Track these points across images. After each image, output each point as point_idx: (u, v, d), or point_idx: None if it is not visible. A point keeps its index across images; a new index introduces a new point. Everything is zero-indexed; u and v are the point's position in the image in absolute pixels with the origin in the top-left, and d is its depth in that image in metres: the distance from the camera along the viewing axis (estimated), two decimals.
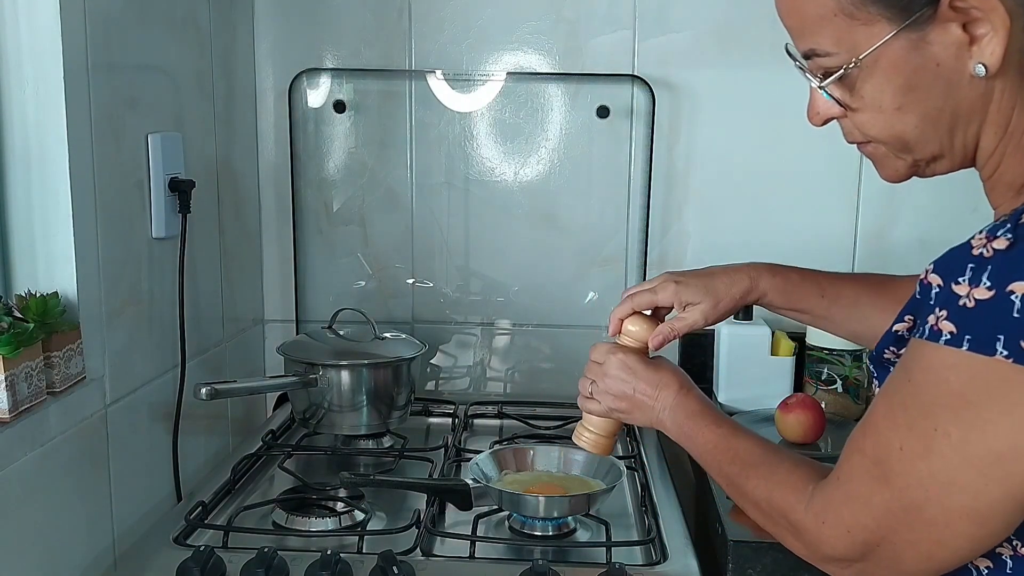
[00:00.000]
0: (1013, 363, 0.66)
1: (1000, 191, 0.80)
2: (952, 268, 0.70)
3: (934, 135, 0.79)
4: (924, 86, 0.77)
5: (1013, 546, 0.74)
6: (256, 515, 1.31)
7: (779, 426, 1.58)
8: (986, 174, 0.81)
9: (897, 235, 1.82)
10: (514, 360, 1.90)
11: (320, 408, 1.54)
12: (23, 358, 1.07)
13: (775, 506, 0.87)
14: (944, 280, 0.70)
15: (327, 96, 1.82)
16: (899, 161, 0.84)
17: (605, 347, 1.11)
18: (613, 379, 1.09)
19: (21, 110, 1.15)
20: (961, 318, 0.68)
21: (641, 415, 1.08)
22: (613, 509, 1.34)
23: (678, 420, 1.04)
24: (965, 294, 0.68)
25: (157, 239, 1.40)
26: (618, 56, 1.78)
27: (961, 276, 0.69)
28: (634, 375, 1.07)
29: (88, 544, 1.23)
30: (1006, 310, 0.66)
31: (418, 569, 1.12)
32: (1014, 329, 0.66)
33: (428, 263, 1.87)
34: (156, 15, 1.41)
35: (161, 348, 1.43)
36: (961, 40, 0.74)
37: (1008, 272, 0.67)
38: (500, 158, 1.83)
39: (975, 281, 0.68)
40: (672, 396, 1.05)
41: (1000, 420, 0.68)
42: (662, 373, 1.07)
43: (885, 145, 0.83)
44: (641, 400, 1.07)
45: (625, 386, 1.08)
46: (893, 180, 0.86)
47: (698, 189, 1.82)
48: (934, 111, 0.78)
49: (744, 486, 0.92)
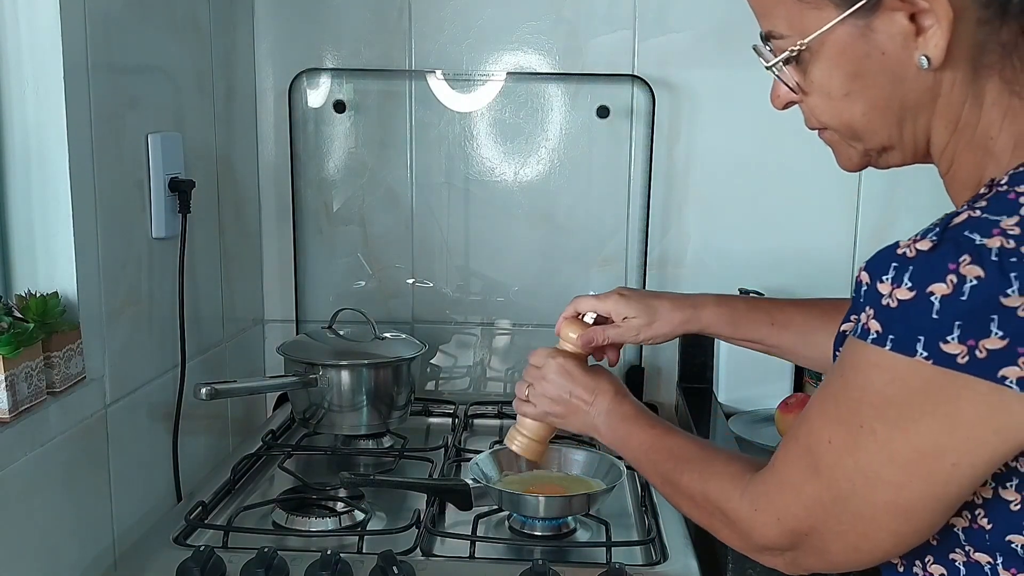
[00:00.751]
0: (933, 364, 0.66)
1: (956, 189, 0.80)
2: (878, 267, 0.70)
3: (882, 125, 0.80)
4: (870, 74, 0.77)
5: (966, 552, 0.74)
6: (256, 515, 1.31)
7: (779, 426, 1.58)
8: (943, 170, 0.81)
9: (897, 235, 1.79)
10: (514, 360, 1.89)
11: (320, 408, 1.54)
12: (23, 358, 1.07)
13: (710, 498, 0.87)
14: (871, 278, 0.70)
15: (327, 96, 1.82)
16: (851, 149, 0.84)
17: (544, 352, 1.13)
18: (551, 383, 1.10)
19: (21, 110, 1.15)
20: (885, 317, 0.69)
21: (576, 420, 1.09)
22: (613, 509, 1.34)
23: (612, 424, 1.05)
24: (888, 293, 0.68)
25: (157, 239, 1.40)
26: (618, 56, 1.78)
27: (885, 275, 0.69)
28: (571, 379, 1.09)
29: (88, 544, 1.23)
30: (926, 311, 0.66)
31: (418, 569, 1.13)
32: (933, 330, 0.65)
33: (428, 263, 1.87)
34: (156, 15, 1.41)
35: (161, 348, 1.43)
36: (907, 30, 0.74)
37: (928, 273, 0.66)
38: (500, 158, 1.83)
39: (897, 281, 0.68)
40: (607, 402, 1.07)
41: (922, 420, 0.68)
42: (599, 380, 1.09)
43: (837, 132, 0.84)
44: (577, 405, 1.09)
45: (562, 390, 1.09)
46: (848, 169, 0.87)
47: (698, 189, 1.82)
48: (881, 100, 0.78)
49: (679, 481, 0.93)
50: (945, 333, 0.65)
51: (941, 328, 0.65)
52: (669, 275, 1.84)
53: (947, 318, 0.65)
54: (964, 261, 0.65)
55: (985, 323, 0.64)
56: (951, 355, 0.65)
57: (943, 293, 0.65)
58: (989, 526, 0.72)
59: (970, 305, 0.64)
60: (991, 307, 0.64)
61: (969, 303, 0.64)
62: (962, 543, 0.74)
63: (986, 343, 0.64)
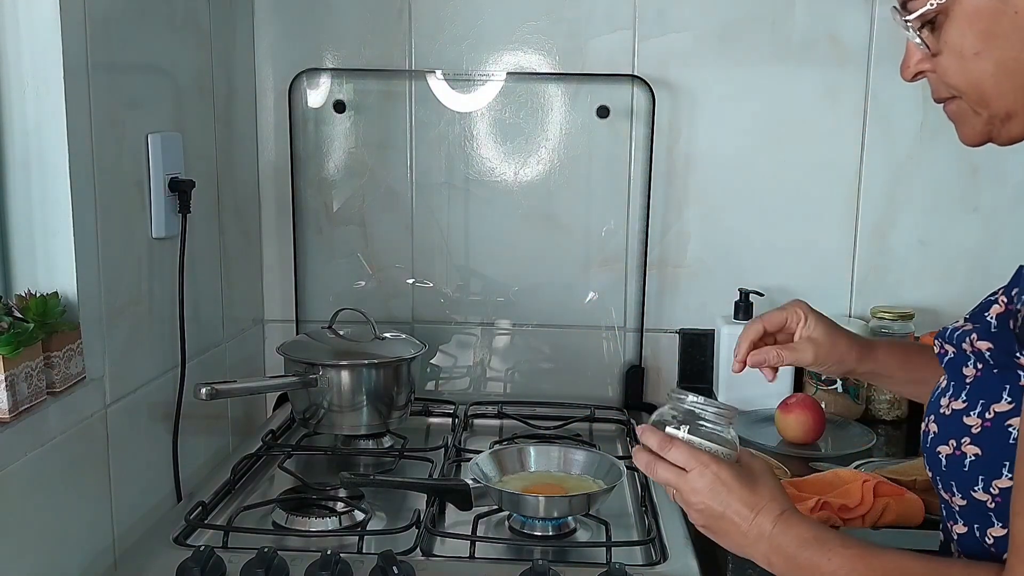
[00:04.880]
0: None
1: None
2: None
3: (1010, 87, 0.80)
4: (1003, 33, 0.78)
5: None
6: (256, 515, 1.31)
7: (779, 426, 1.58)
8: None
9: (897, 235, 1.82)
10: (514, 360, 1.90)
11: (320, 408, 1.54)
12: (23, 358, 1.07)
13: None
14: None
15: (327, 96, 1.82)
16: (976, 118, 0.84)
17: (689, 452, 0.93)
18: (698, 492, 0.92)
19: (21, 110, 1.15)
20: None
21: (730, 541, 0.93)
22: (613, 509, 1.34)
23: (790, 551, 0.88)
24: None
25: (157, 239, 1.40)
26: (618, 56, 1.78)
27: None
28: (728, 491, 0.91)
29: (88, 544, 1.23)
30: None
31: (418, 569, 1.12)
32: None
33: (428, 263, 1.87)
34: (156, 15, 1.41)
35: (161, 348, 1.43)
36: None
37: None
38: (500, 158, 1.83)
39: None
40: (771, 523, 0.90)
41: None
42: (759, 494, 0.91)
43: (964, 97, 0.84)
44: (733, 522, 0.91)
45: (715, 503, 0.92)
46: (971, 142, 0.86)
47: (698, 189, 1.82)
48: (1011, 61, 0.79)
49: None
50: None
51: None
52: (669, 275, 1.84)
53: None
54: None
55: None
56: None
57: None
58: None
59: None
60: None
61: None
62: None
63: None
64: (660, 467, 0.94)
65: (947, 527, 0.90)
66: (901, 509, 1.26)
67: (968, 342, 0.85)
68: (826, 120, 1.78)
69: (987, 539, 0.82)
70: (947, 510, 0.89)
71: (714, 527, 0.93)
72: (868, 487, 1.26)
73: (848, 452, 1.52)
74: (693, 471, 0.92)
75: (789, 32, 1.76)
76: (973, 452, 0.82)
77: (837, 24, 1.75)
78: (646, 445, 0.96)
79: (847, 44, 1.75)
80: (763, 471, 0.94)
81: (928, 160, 1.77)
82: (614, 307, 1.86)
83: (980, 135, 0.85)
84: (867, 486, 1.26)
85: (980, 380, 0.84)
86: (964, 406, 0.84)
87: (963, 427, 0.83)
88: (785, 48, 1.76)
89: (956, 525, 0.87)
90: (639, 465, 0.96)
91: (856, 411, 1.70)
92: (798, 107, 1.78)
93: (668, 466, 0.94)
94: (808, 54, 1.76)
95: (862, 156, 1.79)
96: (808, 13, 1.75)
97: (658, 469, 0.94)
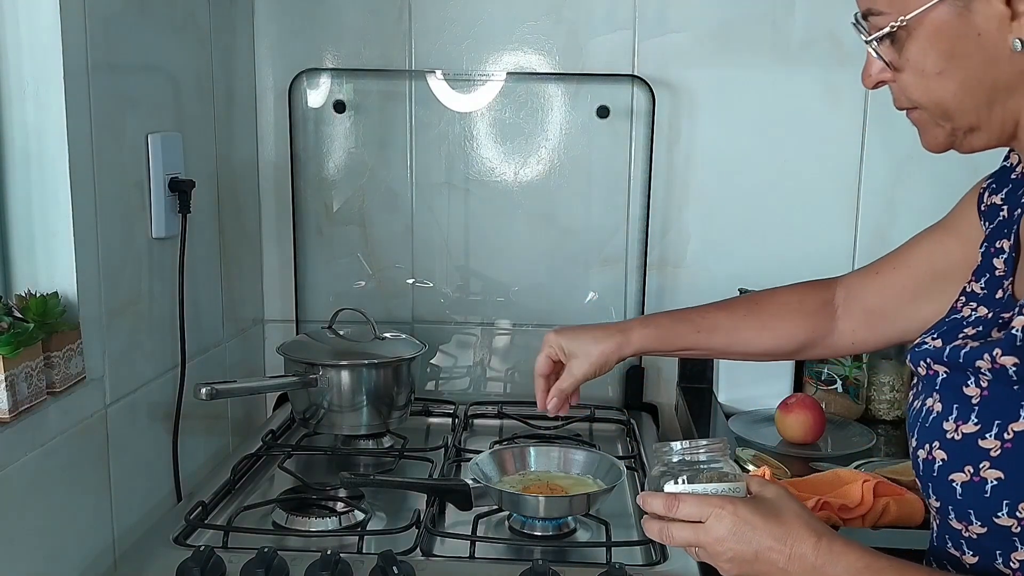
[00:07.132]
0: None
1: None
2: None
3: (972, 105, 0.81)
4: (965, 54, 0.79)
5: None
6: (256, 515, 1.30)
7: (779, 426, 1.58)
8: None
9: (897, 235, 1.80)
10: (514, 360, 1.89)
11: (320, 408, 1.54)
12: (23, 358, 1.07)
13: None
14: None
15: (327, 96, 1.82)
16: (938, 129, 0.85)
17: (698, 501, 0.87)
18: (726, 540, 0.84)
19: (21, 110, 1.15)
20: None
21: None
22: (613, 509, 1.34)
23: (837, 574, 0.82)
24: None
25: (157, 239, 1.40)
26: (618, 56, 1.78)
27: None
28: (753, 530, 0.84)
29: (88, 544, 1.23)
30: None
31: (418, 569, 1.12)
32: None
33: (428, 263, 1.87)
34: (156, 15, 1.41)
35: (161, 348, 1.43)
36: (1003, 14, 0.76)
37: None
38: (500, 158, 1.83)
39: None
40: (812, 551, 0.83)
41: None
42: (787, 524, 0.84)
43: (927, 111, 0.84)
44: (769, 559, 0.83)
45: (743, 546, 0.84)
46: (933, 149, 0.88)
47: (698, 189, 1.82)
48: (973, 81, 0.80)
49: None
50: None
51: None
52: (669, 275, 1.84)
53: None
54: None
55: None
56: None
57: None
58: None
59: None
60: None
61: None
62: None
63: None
64: (674, 528, 0.87)
65: (946, 552, 0.86)
66: (901, 509, 1.26)
67: (987, 359, 0.80)
68: (826, 120, 1.78)
69: (1011, 563, 0.80)
70: (952, 539, 0.85)
71: (752, 572, 0.85)
72: (868, 487, 1.26)
73: (848, 452, 1.52)
74: (709, 519, 0.85)
75: (789, 32, 1.76)
76: (995, 476, 0.78)
77: (837, 24, 1.75)
78: (652, 512, 0.89)
79: (847, 44, 1.75)
80: (780, 496, 0.87)
81: (928, 160, 1.75)
82: (614, 307, 1.86)
83: (943, 145, 0.87)
84: (867, 486, 1.26)
85: (989, 400, 0.80)
86: (977, 428, 0.80)
87: (980, 451, 0.79)
88: (785, 48, 1.76)
89: (965, 555, 0.84)
90: (652, 536, 0.89)
91: (856, 411, 1.70)
92: (798, 107, 1.78)
93: (682, 524, 0.87)
94: (808, 54, 1.76)
95: (862, 156, 1.79)
96: (808, 13, 1.75)
97: (673, 531, 0.87)
